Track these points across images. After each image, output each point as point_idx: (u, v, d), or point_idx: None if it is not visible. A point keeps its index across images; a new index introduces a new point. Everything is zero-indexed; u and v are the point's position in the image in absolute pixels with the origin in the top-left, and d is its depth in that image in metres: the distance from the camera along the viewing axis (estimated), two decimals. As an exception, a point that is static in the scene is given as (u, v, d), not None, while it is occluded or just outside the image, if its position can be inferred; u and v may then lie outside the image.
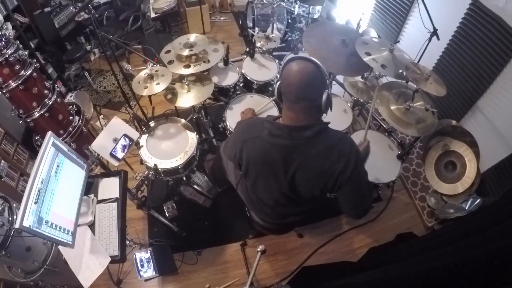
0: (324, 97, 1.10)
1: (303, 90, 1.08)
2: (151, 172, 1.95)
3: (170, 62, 2.04)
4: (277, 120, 1.20)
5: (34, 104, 2.12)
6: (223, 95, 2.30)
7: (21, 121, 2.18)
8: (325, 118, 1.19)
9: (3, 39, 1.90)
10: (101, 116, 2.88)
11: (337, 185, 1.16)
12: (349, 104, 2.16)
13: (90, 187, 1.59)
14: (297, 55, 1.11)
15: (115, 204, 1.53)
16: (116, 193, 1.57)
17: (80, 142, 2.42)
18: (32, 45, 2.82)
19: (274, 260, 2.13)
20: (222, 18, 4.39)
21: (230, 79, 2.28)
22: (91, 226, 1.47)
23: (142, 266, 1.83)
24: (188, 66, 2.01)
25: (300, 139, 1.12)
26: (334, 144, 1.14)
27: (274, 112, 2.07)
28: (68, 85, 3.32)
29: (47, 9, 3.06)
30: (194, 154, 1.96)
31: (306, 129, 1.11)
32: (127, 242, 1.73)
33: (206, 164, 2.44)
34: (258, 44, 2.42)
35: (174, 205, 2.26)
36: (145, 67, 1.89)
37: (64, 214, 1.30)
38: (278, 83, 1.17)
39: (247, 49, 2.42)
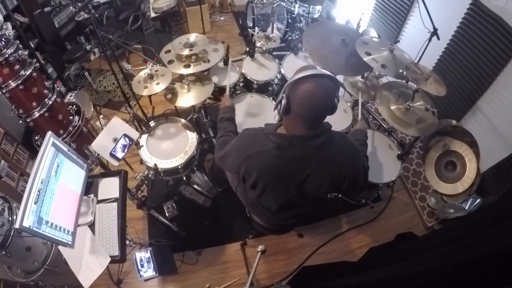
0: (336, 102, 1.11)
1: (325, 110, 1.10)
2: (151, 172, 1.95)
3: (170, 62, 2.04)
4: (278, 131, 1.18)
5: (34, 104, 2.12)
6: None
7: (21, 121, 2.18)
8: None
9: (3, 39, 1.90)
10: (101, 116, 2.88)
11: (344, 185, 1.22)
12: (349, 104, 2.15)
13: (90, 187, 1.59)
14: (310, 72, 1.06)
15: (115, 204, 1.53)
16: (116, 193, 1.57)
17: (80, 142, 2.41)
18: (32, 45, 2.82)
19: (274, 260, 2.13)
20: (222, 18, 4.39)
21: (230, 79, 2.27)
22: (91, 226, 1.47)
23: (142, 266, 1.83)
24: (188, 66, 2.01)
25: (310, 148, 1.13)
26: (340, 148, 1.18)
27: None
28: (68, 85, 3.31)
29: (47, 9, 3.06)
30: (194, 154, 1.95)
31: (316, 138, 1.12)
32: (127, 242, 1.73)
33: (206, 164, 2.44)
34: (258, 44, 2.42)
35: (174, 205, 2.26)
36: (145, 67, 1.89)
37: (64, 214, 1.30)
38: (284, 99, 1.07)
39: (247, 49, 2.41)
